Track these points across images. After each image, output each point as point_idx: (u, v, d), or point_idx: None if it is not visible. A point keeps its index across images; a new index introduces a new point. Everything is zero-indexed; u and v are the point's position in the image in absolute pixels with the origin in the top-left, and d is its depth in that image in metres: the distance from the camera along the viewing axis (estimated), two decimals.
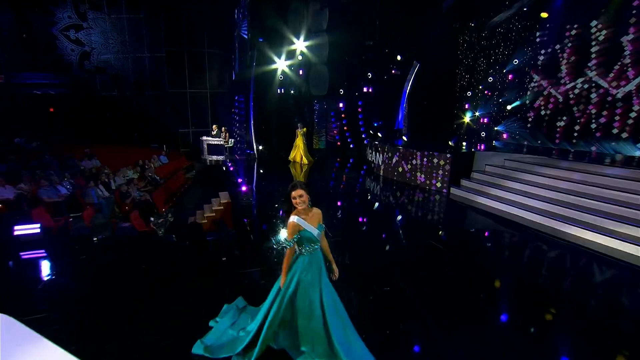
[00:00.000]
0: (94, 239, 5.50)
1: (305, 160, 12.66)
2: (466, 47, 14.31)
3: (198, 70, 15.33)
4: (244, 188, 9.39)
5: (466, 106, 14.86)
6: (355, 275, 4.53)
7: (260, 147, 14.26)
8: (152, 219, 6.30)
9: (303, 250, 2.81)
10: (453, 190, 8.83)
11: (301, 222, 2.78)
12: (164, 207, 9.12)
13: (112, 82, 15.32)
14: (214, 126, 13.25)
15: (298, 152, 12.86)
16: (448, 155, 8.69)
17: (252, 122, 13.70)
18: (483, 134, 14.04)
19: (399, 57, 12.18)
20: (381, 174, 10.95)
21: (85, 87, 14.66)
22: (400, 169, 10.08)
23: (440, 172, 8.95)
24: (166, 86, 15.07)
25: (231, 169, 12.14)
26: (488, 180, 8.55)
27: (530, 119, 12.10)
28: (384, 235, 6.38)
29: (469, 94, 14.56)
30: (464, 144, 10.70)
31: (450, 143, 8.88)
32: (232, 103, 14.20)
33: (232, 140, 13.41)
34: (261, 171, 12.54)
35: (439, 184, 9.06)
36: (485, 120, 14.01)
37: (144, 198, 9.17)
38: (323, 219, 3.01)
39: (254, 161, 13.68)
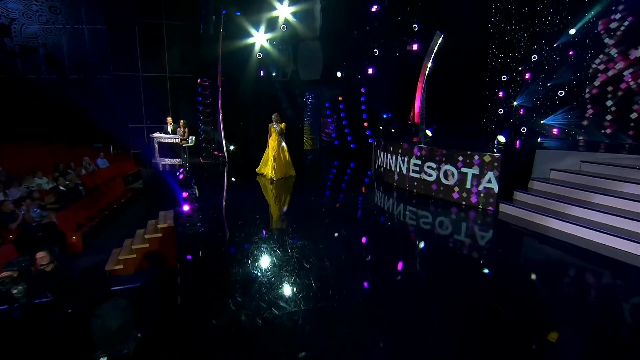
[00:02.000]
0: None
1: (275, 175, 9.14)
2: (500, 18, 12.36)
3: (154, 47, 13.18)
4: (196, 205, 7.19)
5: (500, 94, 12.89)
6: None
7: (232, 148, 12.08)
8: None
9: None
10: (503, 206, 6.73)
11: None
12: (75, 233, 6.88)
13: (42, 63, 13.12)
14: (169, 119, 11.08)
15: (269, 162, 9.20)
16: (497, 155, 6.57)
17: (220, 114, 11.54)
18: (524, 130, 12.04)
19: (415, 27, 10.14)
20: (395, 183, 8.81)
21: (2, 69, 12.45)
22: (422, 177, 7.93)
23: (484, 180, 6.82)
24: (111, 68, 12.89)
25: (185, 176, 9.90)
26: (556, 192, 6.46)
27: (589, 107, 10.11)
28: (406, 288, 4.19)
29: (503, 78, 12.60)
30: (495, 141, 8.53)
31: (499, 138, 6.77)
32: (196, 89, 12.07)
33: (193, 137, 11.23)
34: (232, 179, 10.35)
35: (482, 199, 6.92)
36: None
37: (48, 219, 6.92)
38: None
39: (223, 166, 11.49)
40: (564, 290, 4.30)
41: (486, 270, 4.77)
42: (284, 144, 9.34)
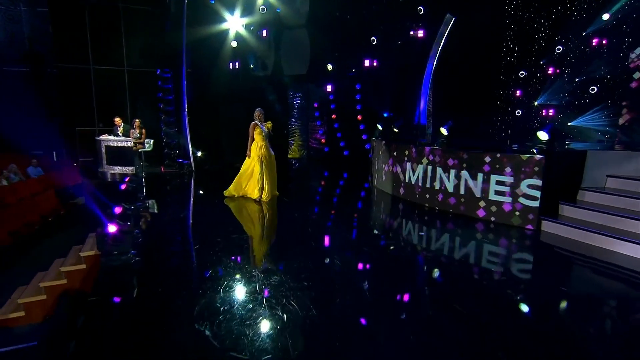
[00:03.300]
0: None
1: (266, 195, 7.22)
2: (516, 5, 11.55)
3: (109, 36, 11.96)
4: (140, 225, 5.86)
5: (517, 94, 11.99)
6: None
7: (200, 154, 10.78)
8: None
9: None
10: (546, 224, 5.59)
11: None
12: None
13: None
14: (117, 119, 9.77)
15: (253, 179, 7.28)
16: (538, 158, 5.43)
17: (185, 114, 10.29)
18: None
19: (420, 10, 9.19)
20: (401, 196, 7.62)
21: None
22: (436, 186, 6.75)
23: (520, 190, 5.67)
24: (53, 59, 11.58)
25: (130, 187, 8.52)
26: (617, 204, 5.35)
27: (628, 107, 9.19)
28: (424, 347, 2.90)
29: (521, 74, 11.71)
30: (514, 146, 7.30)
31: (539, 135, 5.67)
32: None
33: (151, 141, 9.92)
34: (197, 192, 9.02)
35: (517, 215, 5.76)
36: (550, 112, 11.12)
37: None
38: None
39: (189, 176, 10.15)
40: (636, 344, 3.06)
41: (525, 309, 3.51)
42: (269, 149, 7.30)
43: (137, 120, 9.77)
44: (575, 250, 5.04)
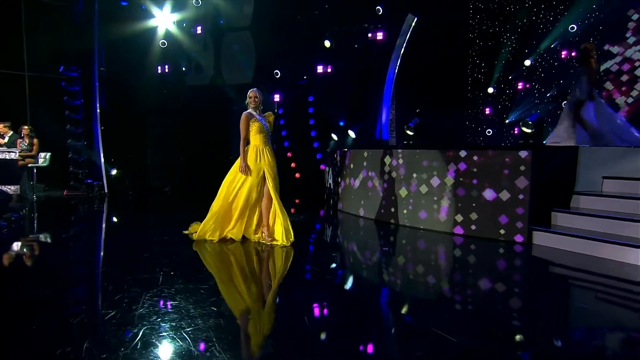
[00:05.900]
0: None
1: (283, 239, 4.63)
2: (480, 20, 11.88)
3: (5, 32, 10.76)
4: None
5: (487, 112, 12.06)
6: None
7: (114, 172, 9.54)
8: None
9: None
10: (538, 236, 5.02)
11: None
12: None
13: None
14: (1, 125, 8.42)
15: (246, 209, 4.69)
16: (523, 155, 4.91)
17: (97, 123, 9.18)
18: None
19: (379, 10, 9.01)
20: (361, 215, 6.87)
21: None
22: (401, 195, 6.05)
23: (503, 194, 5.10)
24: None
25: None
26: (618, 209, 4.86)
27: None
28: None
29: (490, 91, 11.85)
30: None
31: (523, 127, 5.17)
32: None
33: (48, 155, 8.62)
34: (116, 220, 7.68)
35: (502, 229, 5.14)
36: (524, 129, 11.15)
37: None
38: None
39: (99, 201, 8.80)
40: None
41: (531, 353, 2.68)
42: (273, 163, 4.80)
43: (25, 127, 8.44)
44: (578, 266, 4.41)
